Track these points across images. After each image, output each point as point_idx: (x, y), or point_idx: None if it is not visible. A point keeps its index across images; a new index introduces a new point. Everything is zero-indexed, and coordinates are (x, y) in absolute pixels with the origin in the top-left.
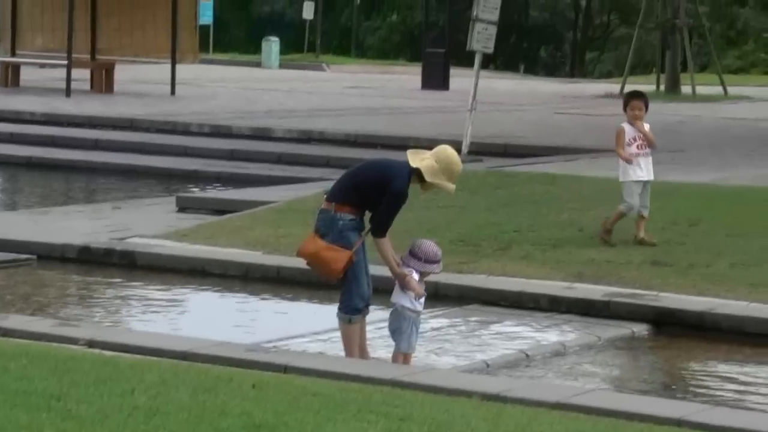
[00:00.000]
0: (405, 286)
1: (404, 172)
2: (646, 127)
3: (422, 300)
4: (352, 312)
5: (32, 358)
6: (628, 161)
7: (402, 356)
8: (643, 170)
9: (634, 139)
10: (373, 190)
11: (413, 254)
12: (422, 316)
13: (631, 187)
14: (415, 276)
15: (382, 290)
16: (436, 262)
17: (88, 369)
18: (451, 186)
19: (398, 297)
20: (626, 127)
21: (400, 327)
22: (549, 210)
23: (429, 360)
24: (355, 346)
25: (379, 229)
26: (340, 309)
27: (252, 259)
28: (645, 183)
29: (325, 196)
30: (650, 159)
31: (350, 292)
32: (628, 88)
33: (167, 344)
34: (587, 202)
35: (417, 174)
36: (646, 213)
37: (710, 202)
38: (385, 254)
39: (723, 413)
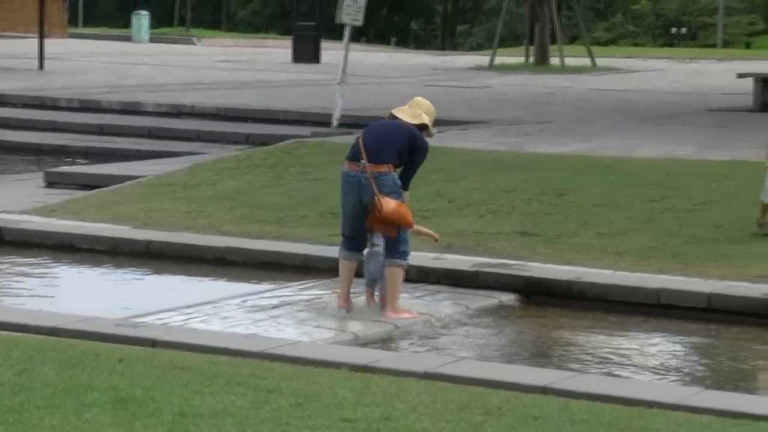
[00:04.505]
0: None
1: (417, 130)
2: None
3: None
4: (407, 258)
5: None
6: None
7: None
8: None
9: None
10: (405, 150)
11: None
12: (294, 290)
13: None
14: None
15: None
16: None
17: None
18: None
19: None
20: None
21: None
22: (419, 181)
23: (299, 332)
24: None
25: (409, 183)
26: (395, 257)
27: (121, 233)
28: None
29: (361, 161)
30: None
31: (407, 242)
32: (498, 60)
33: (33, 320)
34: (457, 174)
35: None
36: None
37: (578, 173)
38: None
39: (587, 380)
